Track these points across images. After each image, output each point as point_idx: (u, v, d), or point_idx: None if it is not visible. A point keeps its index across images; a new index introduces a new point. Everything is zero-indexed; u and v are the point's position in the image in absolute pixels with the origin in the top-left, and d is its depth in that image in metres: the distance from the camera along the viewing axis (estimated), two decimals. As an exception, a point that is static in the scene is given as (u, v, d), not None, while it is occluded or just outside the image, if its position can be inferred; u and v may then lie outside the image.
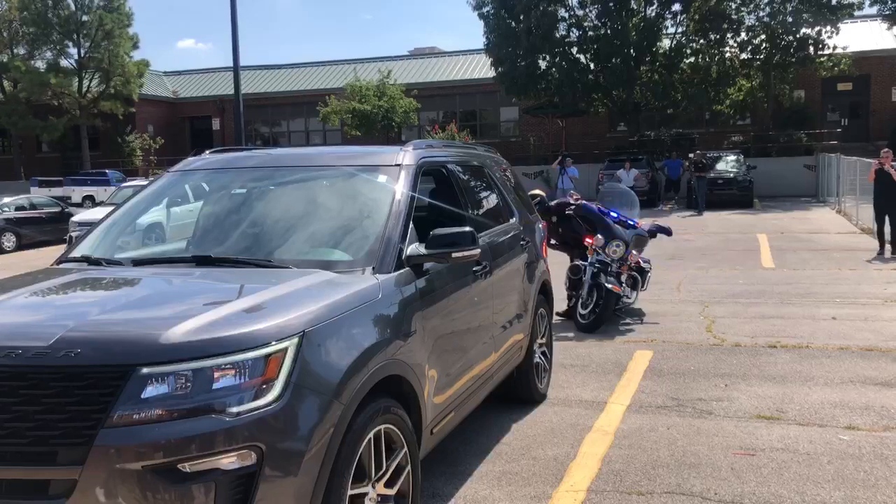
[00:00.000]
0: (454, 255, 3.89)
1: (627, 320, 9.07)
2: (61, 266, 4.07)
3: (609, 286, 8.55)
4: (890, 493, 4.26)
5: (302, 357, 2.92)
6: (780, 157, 30.88)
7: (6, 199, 22.23)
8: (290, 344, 2.90)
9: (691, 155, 27.70)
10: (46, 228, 21.80)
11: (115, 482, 2.58)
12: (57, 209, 22.70)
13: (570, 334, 8.46)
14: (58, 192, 31.42)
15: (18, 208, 21.83)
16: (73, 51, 38.93)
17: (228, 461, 2.68)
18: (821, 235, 17.20)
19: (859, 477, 4.48)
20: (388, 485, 3.41)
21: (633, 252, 9.43)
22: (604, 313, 8.57)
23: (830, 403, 5.81)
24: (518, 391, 5.85)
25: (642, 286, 9.67)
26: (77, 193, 32.77)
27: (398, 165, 4.32)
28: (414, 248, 3.90)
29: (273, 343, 2.86)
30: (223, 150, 5.04)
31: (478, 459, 4.90)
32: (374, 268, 3.68)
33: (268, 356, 2.83)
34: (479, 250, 4.00)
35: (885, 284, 10.87)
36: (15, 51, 39.80)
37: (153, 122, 43.50)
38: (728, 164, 27.20)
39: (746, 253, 14.81)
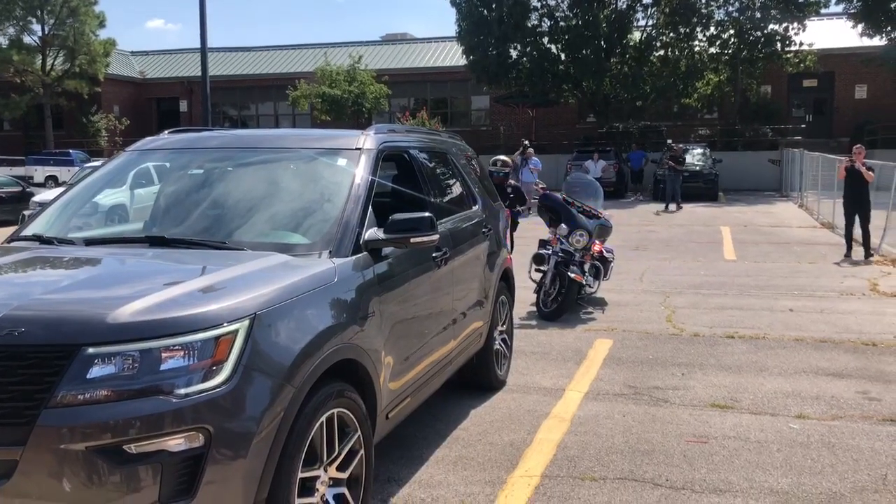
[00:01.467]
0: (412, 240, 3.89)
1: (589, 309, 9.15)
2: (12, 245, 3.99)
3: (572, 275, 8.62)
4: (835, 479, 4.36)
5: (253, 339, 2.90)
6: (746, 151, 31.33)
7: (-35, 178, 21.75)
8: (241, 326, 2.88)
9: (670, 141, 26.50)
10: (6, 208, 21.33)
11: (57, 463, 2.54)
12: (17, 189, 22.24)
13: (533, 322, 8.51)
14: (20, 171, 30.78)
15: (-23, 187, 21.36)
16: (36, 27, 38.03)
17: (175, 443, 2.66)
18: (782, 229, 17.48)
19: (806, 464, 4.57)
20: (341, 468, 3.40)
21: (597, 242, 9.50)
22: (566, 302, 8.64)
23: (783, 393, 5.92)
24: (477, 377, 5.87)
25: (605, 276, 9.75)
26: (39, 173, 32.14)
27: (359, 149, 4.30)
28: (372, 232, 3.89)
29: (223, 325, 2.83)
30: (181, 130, 4.97)
31: (435, 444, 4.92)
32: (330, 251, 3.66)
33: (217, 338, 2.80)
34: (437, 236, 4.00)
35: (842, 278, 11.09)
36: (-25, 26, 38.81)
37: (119, 103, 42.78)
38: (694, 157, 27.48)
39: (709, 245, 15.00)
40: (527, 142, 22.17)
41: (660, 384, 6.18)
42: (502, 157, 9.94)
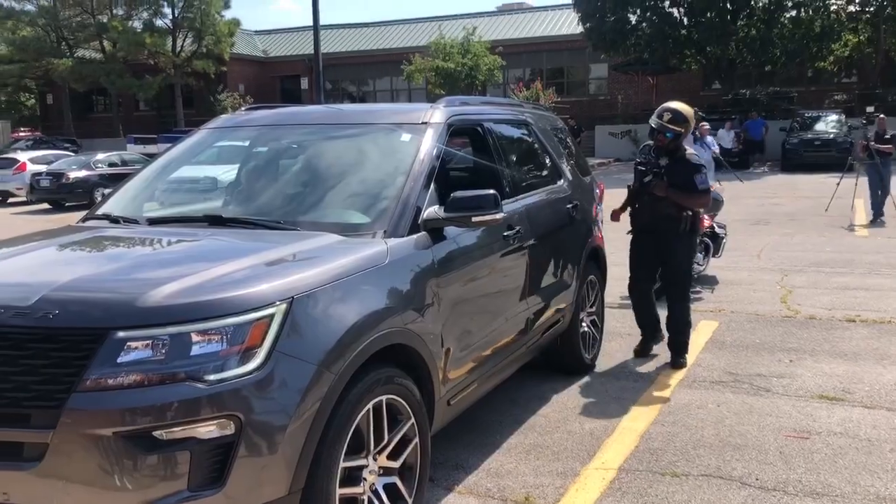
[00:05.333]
0: (474, 219, 3.68)
1: (697, 288, 8.63)
2: (84, 224, 4.07)
3: (677, 252, 8.13)
4: (955, 488, 3.86)
5: (290, 324, 2.78)
6: (889, 117, 28.91)
7: (100, 156, 23.21)
8: (277, 310, 2.77)
9: (871, 109, 20.90)
10: (138, 185, 22.53)
11: (86, 448, 2.52)
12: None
13: (633, 301, 8.10)
14: (152, 149, 32.40)
15: (111, 164, 22.72)
16: (167, 11, 39.95)
17: (205, 430, 2.59)
18: (924, 201, 16.00)
19: (923, 468, 4.08)
20: (392, 457, 3.27)
21: (706, 216, 8.96)
22: (669, 281, 8.15)
23: (904, 385, 5.35)
24: (562, 361, 5.62)
25: (716, 253, 9.21)
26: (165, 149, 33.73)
27: (424, 124, 4.11)
28: (432, 211, 3.70)
29: (258, 309, 2.73)
30: (257, 107, 4.94)
31: (509, 431, 4.72)
32: (385, 231, 3.51)
33: (251, 322, 2.70)
34: (502, 214, 3.77)
35: None
36: (114, 11, 41.08)
37: (244, 81, 44.29)
38: (828, 124, 25.75)
39: (839, 219, 13.94)
40: (703, 113, 15.63)
41: (763, 371, 5.72)
42: (674, 107, 5.82)
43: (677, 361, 5.92)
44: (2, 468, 2.57)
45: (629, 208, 6.10)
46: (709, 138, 14.37)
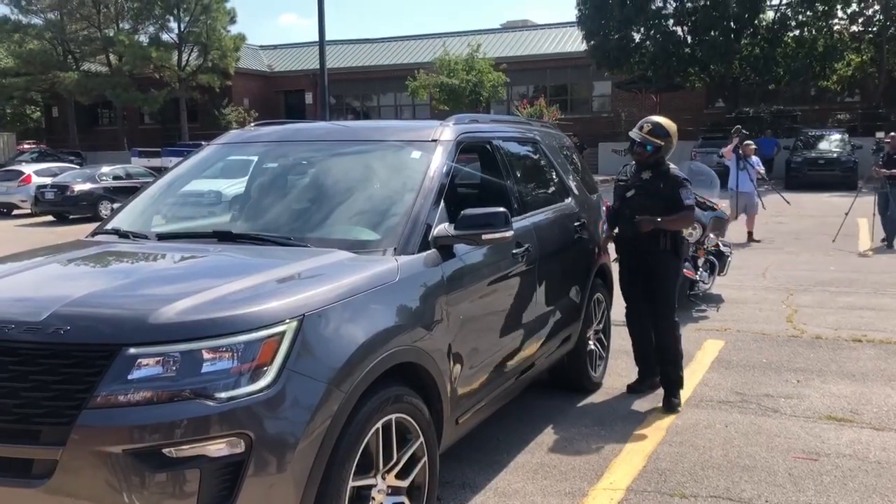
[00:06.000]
0: (485, 236, 3.68)
1: (703, 307, 8.62)
2: (92, 238, 4.07)
3: (683, 271, 8.13)
4: (967, 512, 3.83)
5: (300, 342, 2.77)
6: (891, 136, 29.00)
7: (105, 169, 23.26)
8: (288, 328, 2.76)
9: (880, 135, 20.17)
10: (141, 198, 22.57)
11: (95, 465, 2.50)
12: (151, 179, 23.51)
13: (638, 319, 8.07)
14: (156, 162, 32.48)
15: (116, 178, 22.75)
16: (173, 25, 40.16)
17: (216, 448, 2.57)
18: (929, 221, 15.97)
19: (934, 492, 4.05)
20: (401, 476, 3.25)
21: (711, 235, 8.97)
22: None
23: (913, 407, 5.32)
24: (569, 379, 5.60)
25: (721, 271, 9.20)
26: (174, 164, 33.80)
27: (434, 141, 4.12)
28: (442, 228, 3.70)
29: (269, 326, 2.72)
30: (265, 123, 4.95)
31: (517, 449, 4.69)
32: (395, 248, 3.50)
33: (262, 340, 2.69)
34: (511, 232, 3.76)
35: None
36: (120, 25, 41.32)
37: (249, 96, 44.44)
38: (831, 143, 25.81)
39: (843, 238, 13.89)
40: (743, 130, 14.54)
41: (771, 392, 5.69)
42: (655, 119, 5.55)
43: (670, 402, 5.34)
44: (11, 485, 2.56)
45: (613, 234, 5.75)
46: (754, 158, 13.90)
